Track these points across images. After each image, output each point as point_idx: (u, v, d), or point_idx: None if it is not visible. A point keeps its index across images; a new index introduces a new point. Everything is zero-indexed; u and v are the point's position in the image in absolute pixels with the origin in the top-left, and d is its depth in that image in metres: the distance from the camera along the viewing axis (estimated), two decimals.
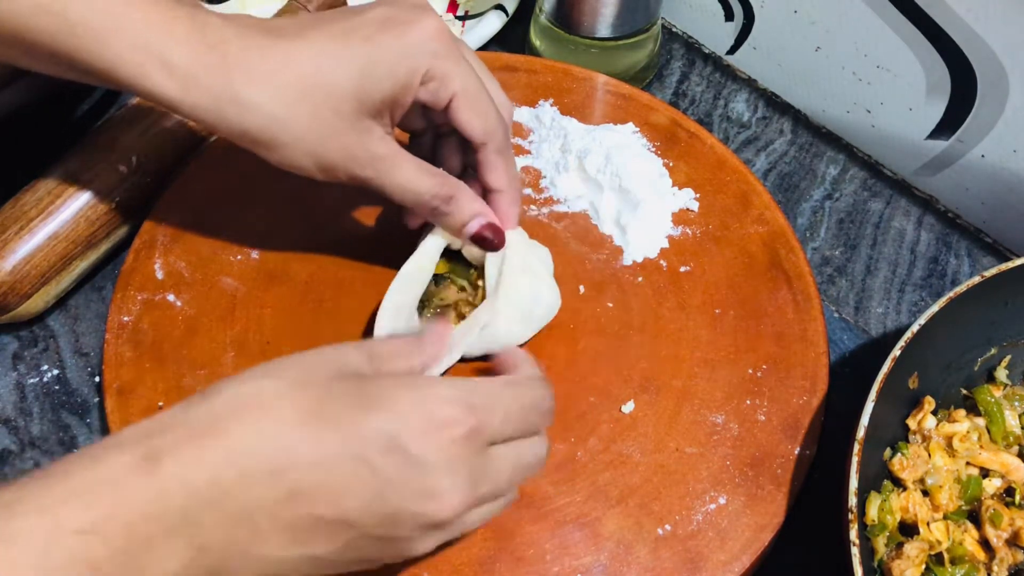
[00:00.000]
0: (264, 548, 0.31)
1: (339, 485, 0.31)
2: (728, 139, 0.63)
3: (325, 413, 0.31)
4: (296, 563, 0.32)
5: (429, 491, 0.31)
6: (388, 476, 0.31)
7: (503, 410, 0.34)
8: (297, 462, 0.30)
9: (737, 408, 0.46)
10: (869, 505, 0.42)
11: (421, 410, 0.32)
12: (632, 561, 0.42)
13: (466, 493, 0.32)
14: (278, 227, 0.51)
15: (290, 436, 0.30)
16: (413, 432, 0.31)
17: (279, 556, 0.31)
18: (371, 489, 0.31)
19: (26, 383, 0.49)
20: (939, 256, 0.58)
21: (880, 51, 0.57)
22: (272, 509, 0.30)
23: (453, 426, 0.32)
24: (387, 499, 0.31)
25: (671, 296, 0.50)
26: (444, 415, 0.32)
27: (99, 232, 0.50)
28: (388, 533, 0.32)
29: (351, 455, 0.31)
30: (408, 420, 0.31)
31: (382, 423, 0.31)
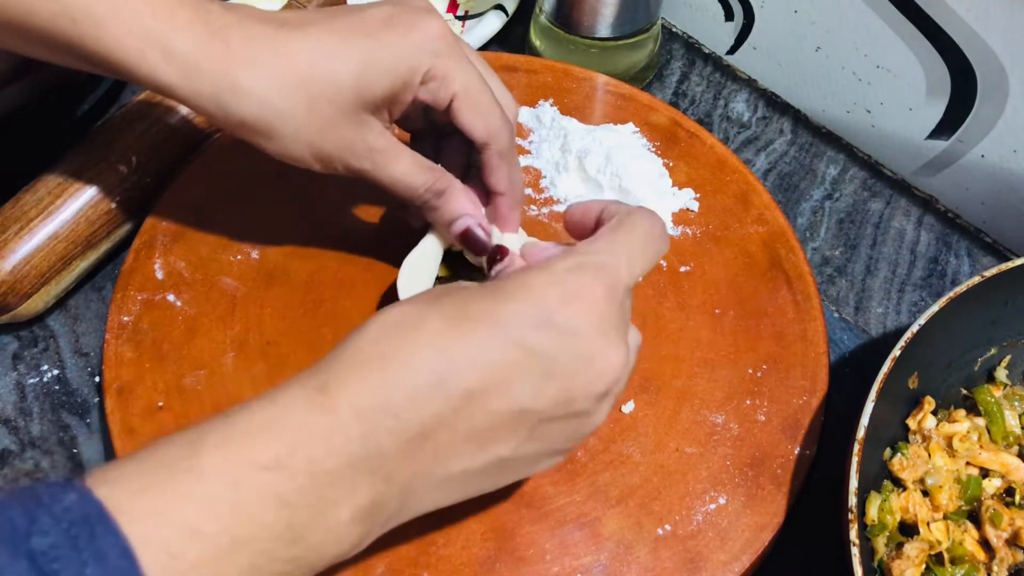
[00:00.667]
0: (449, 464, 0.31)
1: (505, 375, 0.31)
2: (728, 139, 0.63)
3: (469, 313, 0.32)
4: (483, 473, 0.32)
5: (590, 355, 0.32)
6: (547, 352, 0.31)
7: (626, 258, 0.34)
8: (458, 365, 0.31)
9: (737, 408, 0.46)
10: (869, 505, 0.42)
11: (556, 286, 0.32)
12: (632, 561, 0.42)
13: (622, 347, 0.33)
14: (278, 227, 0.51)
15: (444, 342, 0.31)
16: (556, 306, 0.32)
17: (465, 469, 0.32)
18: (536, 369, 0.31)
19: (26, 383, 0.49)
20: (939, 256, 0.58)
21: (880, 51, 0.57)
22: (448, 419, 0.30)
23: (591, 290, 0.32)
24: (554, 374, 0.32)
25: (671, 296, 0.50)
26: (577, 284, 0.33)
27: (99, 232, 0.50)
28: (565, 410, 0.32)
29: (506, 343, 0.31)
30: (548, 297, 0.32)
31: (524, 306, 0.32)
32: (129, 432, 0.44)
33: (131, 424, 0.44)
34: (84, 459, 0.47)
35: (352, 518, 0.29)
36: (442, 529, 0.42)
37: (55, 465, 0.46)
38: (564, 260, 0.34)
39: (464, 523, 0.42)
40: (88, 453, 0.47)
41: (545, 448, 0.34)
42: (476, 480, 0.33)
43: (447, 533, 0.42)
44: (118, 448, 0.43)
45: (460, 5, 0.67)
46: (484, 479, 0.33)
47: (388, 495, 0.30)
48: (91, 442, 0.47)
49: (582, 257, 0.34)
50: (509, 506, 0.43)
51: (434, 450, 0.31)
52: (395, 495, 0.31)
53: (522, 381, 0.31)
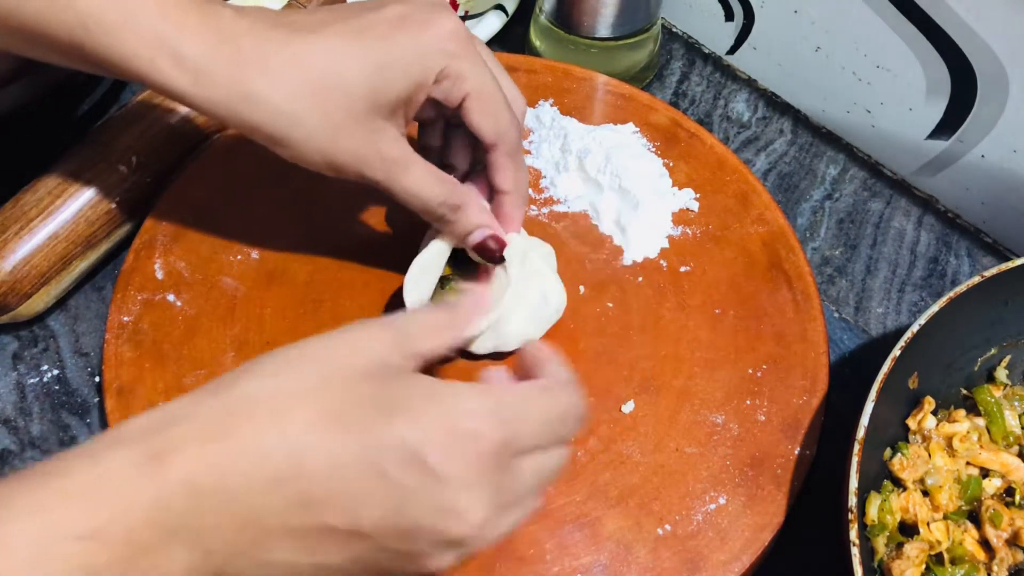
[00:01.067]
0: (272, 554, 0.30)
1: (354, 495, 0.29)
2: (728, 139, 0.63)
3: (342, 418, 0.30)
4: (303, 570, 0.31)
5: (449, 507, 0.30)
6: (406, 489, 0.29)
7: (534, 423, 0.32)
8: (310, 470, 0.29)
9: (737, 408, 0.46)
10: (869, 505, 0.42)
11: (446, 421, 0.30)
12: (632, 561, 0.42)
13: (488, 510, 0.31)
14: (278, 227, 0.51)
15: (304, 441, 0.29)
16: (435, 445, 0.30)
17: (287, 561, 0.30)
18: (388, 501, 0.30)
19: (26, 383, 0.49)
20: (939, 256, 0.58)
21: (880, 51, 0.57)
22: (282, 516, 0.29)
23: (479, 440, 0.30)
24: (404, 513, 0.30)
25: (671, 296, 0.50)
26: (470, 428, 0.30)
27: (99, 232, 0.50)
28: (404, 548, 0.31)
29: (368, 464, 0.29)
30: (431, 432, 0.30)
31: (403, 432, 0.30)
32: None
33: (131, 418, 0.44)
34: None
35: None
36: None
37: None
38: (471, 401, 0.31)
39: None
40: None
41: (370, 569, 0.32)
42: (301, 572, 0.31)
43: None
44: None
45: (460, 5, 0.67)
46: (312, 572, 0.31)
47: (203, 567, 0.29)
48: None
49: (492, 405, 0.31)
50: None
51: (261, 536, 0.29)
52: (210, 568, 0.29)
53: (369, 507, 0.29)
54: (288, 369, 0.31)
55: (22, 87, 0.51)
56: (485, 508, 0.30)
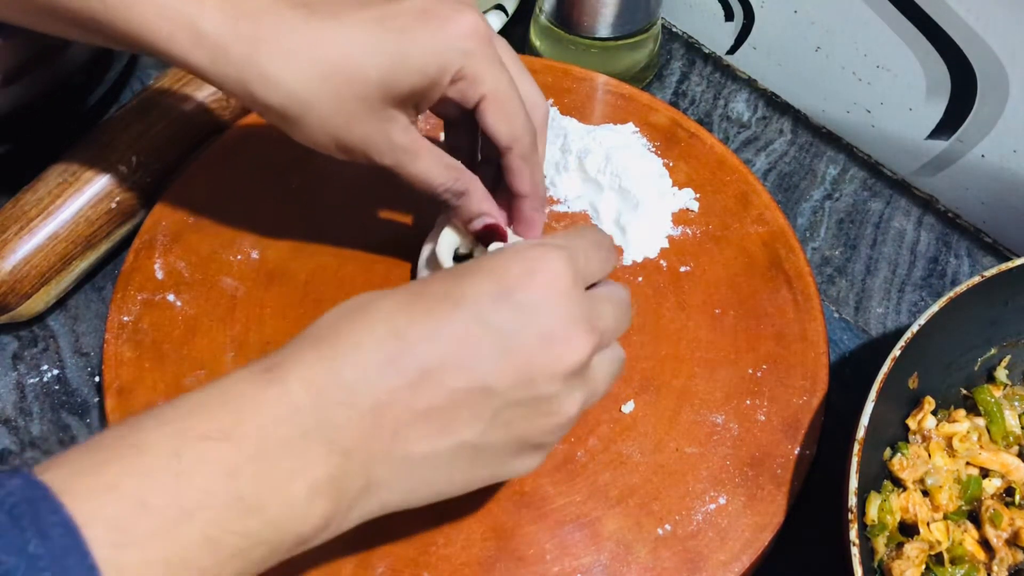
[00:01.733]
0: (411, 445, 0.30)
1: (462, 351, 0.31)
2: (728, 139, 0.63)
3: (426, 292, 0.32)
4: (451, 461, 0.32)
5: (551, 334, 0.31)
6: (506, 328, 0.31)
7: (582, 250, 0.34)
8: (411, 341, 0.30)
9: (737, 408, 0.46)
10: (869, 505, 0.42)
11: (517, 261, 0.32)
12: (632, 561, 0.42)
13: (586, 330, 0.32)
14: (278, 227, 0.51)
15: (397, 321, 0.31)
16: (515, 281, 0.31)
17: (429, 452, 0.31)
18: (495, 345, 0.31)
19: (26, 383, 0.49)
20: (939, 256, 0.58)
21: (880, 51, 0.57)
22: (404, 395, 0.30)
23: (550, 265, 0.32)
24: (514, 352, 0.31)
25: (671, 296, 0.50)
26: (539, 257, 0.32)
27: (99, 232, 0.50)
28: (528, 392, 0.31)
29: (463, 319, 0.31)
30: (508, 271, 0.32)
31: (483, 282, 0.31)
32: None
33: None
34: None
35: (310, 492, 0.29)
36: (442, 529, 0.42)
37: None
38: (528, 242, 0.34)
39: (464, 523, 0.42)
40: None
41: (514, 438, 0.32)
42: (445, 469, 0.32)
43: (447, 533, 0.42)
44: None
45: None
46: (454, 469, 0.32)
47: (348, 472, 0.30)
48: None
49: (544, 239, 0.34)
50: (509, 506, 0.43)
51: (392, 428, 0.30)
52: (356, 473, 0.30)
53: (480, 357, 0.31)
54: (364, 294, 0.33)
55: (22, 87, 0.51)
56: (582, 328, 0.32)
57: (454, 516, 0.42)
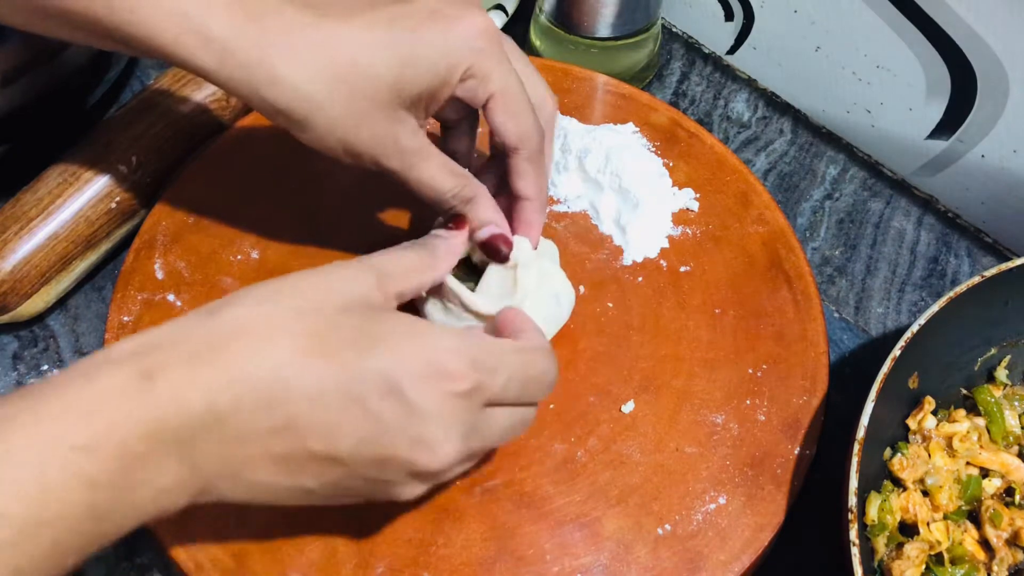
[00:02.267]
0: (255, 474, 0.31)
1: (333, 423, 0.31)
2: (728, 139, 0.63)
3: (326, 347, 0.31)
4: (285, 492, 0.32)
5: (422, 440, 0.32)
6: (383, 419, 0.31)
7: (507, 375, 0.33)
8: (293, 395, 0.30)
9: (737, 408, 0.46)
10: (869, 505, 0.42)
11: (424, 357, 0.32)
12: (632, 561, 0.42)
13: (458, 448, 0.32)
14: (278, 227, 0.51)
15: (288, 368, 0.30)
16: (413, 378, 0.31)
17: (268, 482, 0.32)
18: (364, 430, 0.31)
19: (26, 383, 0.49)
20: (939, 256, 0.58)
21: (880, 51, 0.57)
22: (265, 439, 0.31)
23: (454, 379, 0.32)
24: (379, 442, 0.31)
25: (671, 296, 0.50)
26: (446, 366, 0.32)
27: (99, 232, 0.50)
28: (377, 475, 0.32)
29: (348, 394, 0.31)
30: (409, 365, 0.31)
31: (383, 365, 0.31)
32: None
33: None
34: None
35: (155, 496, 0.30)
36: (442, 529, 0.42)
37: None
38: (451, 340, 0.33)
39: (464, 523, 0.42)
40: None
41: (345, 493, 0.34)
42: (276, 494, 0.33)
43: (447, 533, 0.42)
44: None
45: None
46: (283, 497, 0.33)
47: (191, 481, 0.30)
48: None
49: (468, 347, 0.33)
50: (509, 506, 0.43)
51: (244, 457, 0.31)
52: (198, 482, 0.31)
53: (346, 435, 0.31)
54: (273, 298, 0.32)
55: (22, 87, 0.51)
56: (455, 444, 0.32)
57: (454, 516, 0.42)
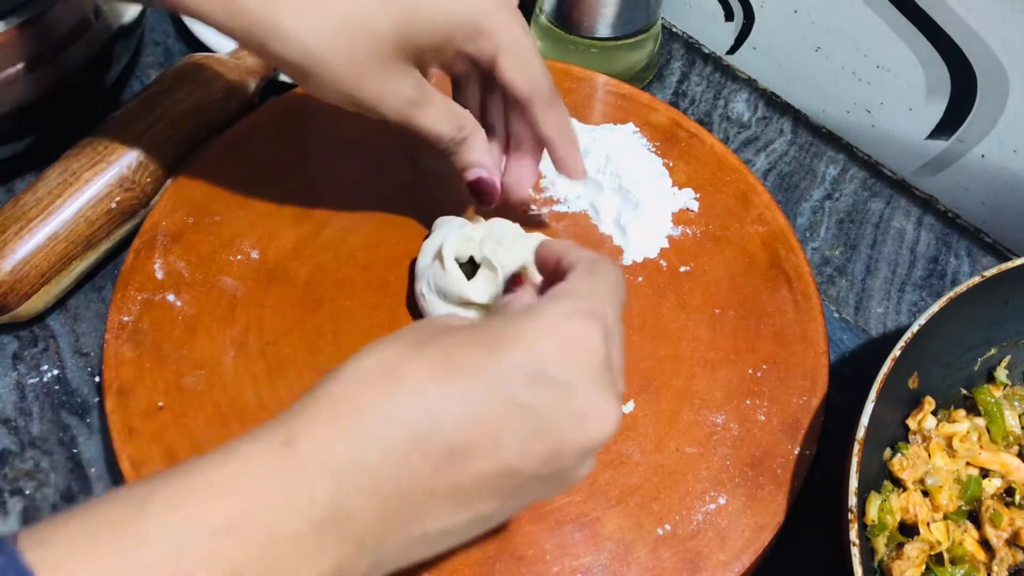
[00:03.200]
0: (427, 523, 0.29)
1: (492, 434, 0.29)
2: (728, 139, 0.63)
3: (455, 363, 0.29)
4: (463, 529, 0.30)
5: (587, 412, 0.30)
6: (540, 409, 0.29)
7: (609, 300, 0.32)
8: (441, 421, 0.28)
9: (737, 408, 0.46)
10: (869, 505, 0.42)
11: (550, 333, 0.30)
12: (632, 561, 0.42)
13: (615, 402, 0.31)
14: (278, 227, 0.51)
15: (426, 397, 0.28)
16: (551, 358, 0.30)
17: (444, 528, 0.29)
18: (526, 428, 0.29)
19: (26, 383, 0.49)
20: (939, 256, 0.58)
21: (880, 51, 0.57)
22: (427, 479, 0.28)
23: (588, 339, 0.30)
24: (545, 434, 0.29)
25: (671, 296, 0.50)
26: (575, 331, 0.30)
27: (99, 232, 0.50)
28: (551, 469, 0.30)
29: (496, 400, 0.29)
30: (542, 347, 0.30)
31: (518, 356, 0.29)
32: (129, 432, 0.44)
33: (131, 424, 0.44)
34: (84, 459, 0.47)
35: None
36: None
37: (55, 465, 0.46)
38: (557, 305, 0.31)
39: None
40: (88, 453, 0.47)
41: (521, 504, 0.31)
42: (455, 536, 0.30)
43: None
44: (118, 448, 0.43)
45: None
46: (463, 534, 0.31)
47: (357, 559, 0.28)
48: (91, 442, 0.47)
49: (574, 302, 0.31)
50: None
51: (411, 510, 0.28)
52: (365, 559, 0.28)
53: (510, 439, 0.29)
54: (384, 344, 0.30)
55: (23, 87, 0.51)
56: (613, 403, 0.31)
57: None
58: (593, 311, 0.31)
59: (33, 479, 0.46)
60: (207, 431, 0.44)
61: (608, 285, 0.33)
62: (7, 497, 0.45)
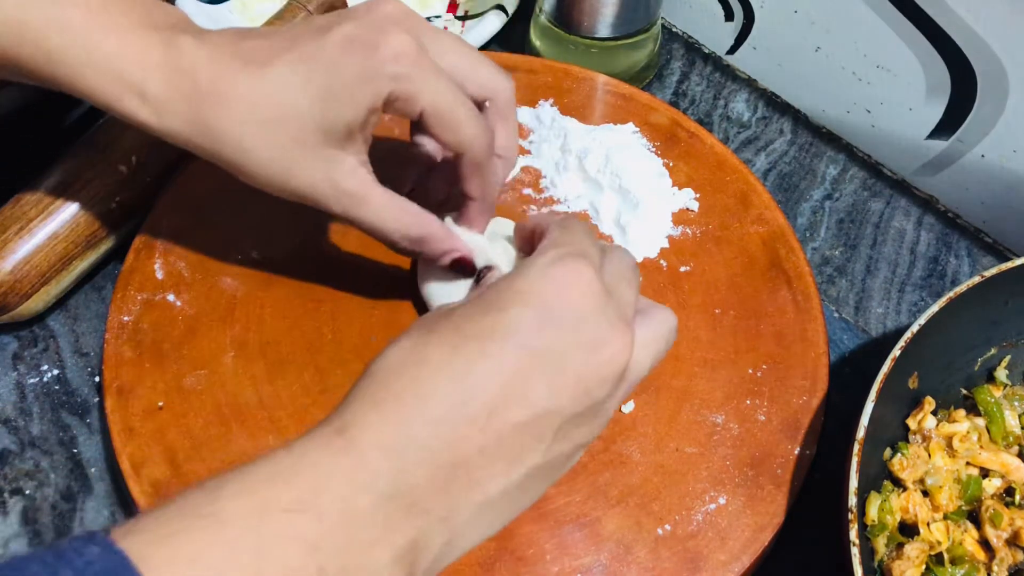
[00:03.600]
0: (487, 487, 0.31)
1: (520, 382, 0.31)
2: (728, 139, 0.63)
3: (468, 333, 0.31)
4: (521, 487, 0.32)
5: (597, 340, 0.32)
6: (554, 348, 0.31)
7: (591, 247, 0.34)
8: (474, 385, 0.30)
9: (737, 408, 0.46)
10: (869, 505, 0.42)
11: (543, 280, 0.32)
12: (632, 561, 0.42)
13: (624, 326, 0.33)
14: (278, 227, 0.51)
15: (452, 368, 0.30)
16: (552, 301, 0.32)
17: (504, 488, 0.31)
18: (548, 368, 0.31)
19: (26, 383, 0.49)
20: (939, 256, 0.58)
21: (880, 51, 0.57)
22: (476, 440, 0.30)
23: (579, 275, 0.32)
24: (566, 370, 0.31)
25: (671, 296, 0.50)
26: (565, 272, 0.32)
27: (99, 232, 0.50)
28: (585, 403, 0.32)
29: (514, 352, 0.31)
30: (541, 294, 0.32)
31: (521, 309, 0.31)
32: (129, 432, 0.44)
33: (131, 424, 0.44)
34: (84, 459, 0.47)
35: (393, 559, 0.28)
36: None
37: (55, 465, 0.46)
38: (541, 257, 0.33)
39: None
40: (88, 453, 0.47)
41: (573, 446, 0.33)
42: (517, 497, 0.32)
43: None
44: (118, 448, 0.43)
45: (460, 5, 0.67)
46: (523, 494, 0.33)
47: (429, 531, 0.29)
48: (91, 442, 0.47)
49: (555, 250, 0.33)
50: None
51: (468, 475, 0.30)
52: (436, 531, 0.30)
53: (537, 384, 0.31)
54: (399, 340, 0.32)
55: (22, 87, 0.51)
56: (621, 328, 0.32)
57: None
58: (575, 252, 0.33)
59: (33, 479, 0.46)
60: (207, 431, 0.44)
61: (583, 230, 0.35)
62: (7, 497, 0.45)
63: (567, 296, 0.32)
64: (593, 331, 0.32)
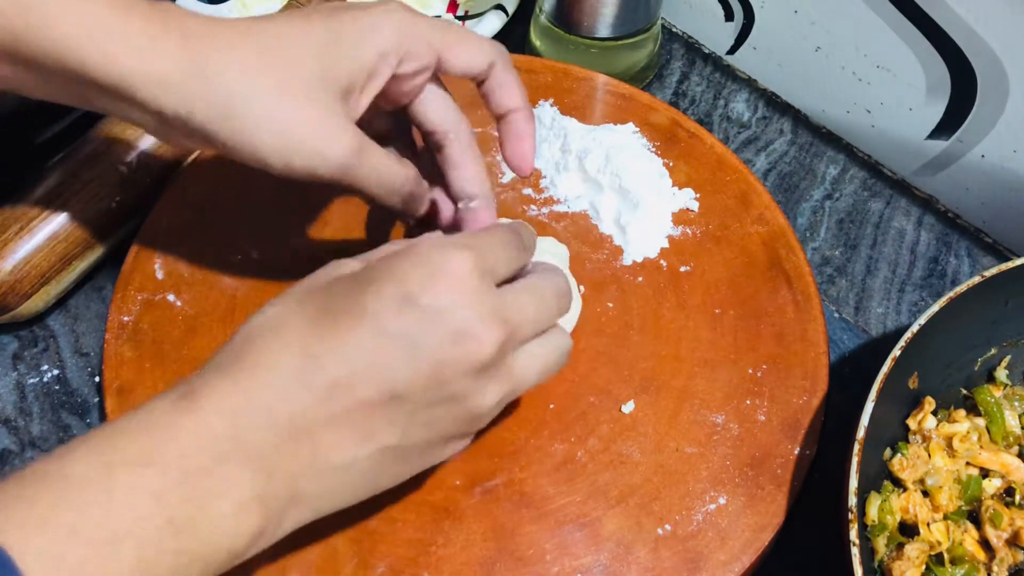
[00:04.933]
0: (331, 456, 0.31)
1: (370, 362, 0.31)
2: (728, 139, 0.63)
3: (332, 307, 0.32)
4: (375, 464, 0.32)
5: (458, 332, 0.32)
6: (412, 335, 0.31)
7: (489, 248, 0.34)
8: (321, 358, 0.31)
9: (737, 408, 0.46)
10: (869, 505, 0.42)
11: (419, 266, 0.32)
12: (632, 561, 0.42)
13: (494, 324, 0.32)
14: (278, 227, 0.51)
15: (305, 341, 0.31)
16: (418, 286, 0.32)
17: (350, 460, 0.32)
18: (402, 352, 0.31)
19: (26, 383, 0.49)
20: (939, 256, 0.58)
21: (880, 51, 0.57)
22: (317, 412, 0.31)
23: (455, 266, 0.32)
24: (421, 356, 0.31)
25: (671, 296, 0.50)
26: (442, 259, 0.32)
27: (99, 232, 0.50)
28: (442, 393, 0.32)
29: (368, 331, 0.31)
30: (410, 277, 0.32)
31: (385, 289, 0.32)
32: None
33: None
34: None
35: (237, 510, 0.30)
36: (442, 529, 0.42)
37: None
38: (428, 239, 0.34)
39: (464, 523, 0.42)
40: None
41: (434, 435, 0.33)
42: (371, 472, 0.33)
43: (447, 533, 0.42)
44: None
45: (460, 5, 0.67)
46: (379, 471, 0.33)
47: (272, 489, 0.30)
48: None
49: (445, 238, 0.34)
50: (509, 506, 0.43)
51: (310, 442, 0.31)
52: (280, 489, 0.31)
53: (389, 366, 0.31)
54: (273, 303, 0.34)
55: None
56: (489, 325, 0.32)
57: (454, 516, 0.42)
58: (464, 244, 0.33)
59: None
60: None
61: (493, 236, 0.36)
62: None
63: (434, 284, 0.32)
64: (455, 322, 0.32)
